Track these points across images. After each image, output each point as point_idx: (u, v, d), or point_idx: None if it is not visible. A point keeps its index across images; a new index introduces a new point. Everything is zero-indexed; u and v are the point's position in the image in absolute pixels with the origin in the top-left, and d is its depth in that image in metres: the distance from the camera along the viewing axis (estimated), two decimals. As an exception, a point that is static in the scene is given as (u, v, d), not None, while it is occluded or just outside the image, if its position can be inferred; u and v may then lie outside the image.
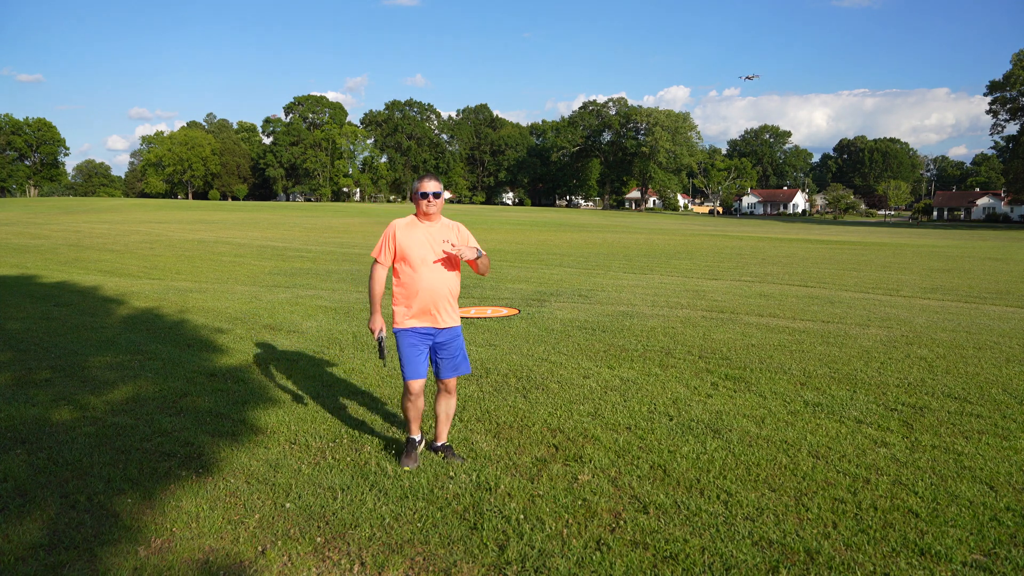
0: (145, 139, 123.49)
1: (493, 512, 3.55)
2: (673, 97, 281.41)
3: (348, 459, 4.22)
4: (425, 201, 4.09)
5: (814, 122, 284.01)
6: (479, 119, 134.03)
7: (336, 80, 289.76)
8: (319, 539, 3.28)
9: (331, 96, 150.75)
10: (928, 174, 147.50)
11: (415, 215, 4.19)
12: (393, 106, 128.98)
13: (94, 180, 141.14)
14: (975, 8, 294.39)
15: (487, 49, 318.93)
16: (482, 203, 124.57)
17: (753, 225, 62.56)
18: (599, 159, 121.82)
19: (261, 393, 5.57)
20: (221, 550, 3.17)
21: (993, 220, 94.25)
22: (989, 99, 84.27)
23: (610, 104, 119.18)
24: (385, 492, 3.76)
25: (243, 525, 3.39)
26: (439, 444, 4.34)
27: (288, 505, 3.60)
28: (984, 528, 3.42)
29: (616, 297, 11.39)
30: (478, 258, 4.09)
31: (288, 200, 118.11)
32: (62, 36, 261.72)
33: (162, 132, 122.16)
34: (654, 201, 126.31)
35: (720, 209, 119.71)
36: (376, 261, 4.19)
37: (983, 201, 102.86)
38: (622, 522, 3.46)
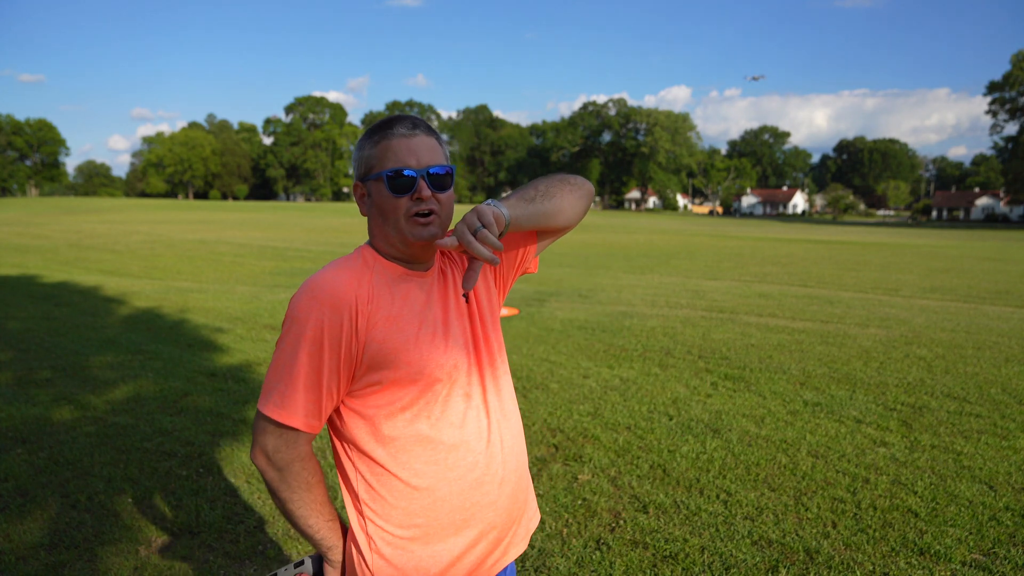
0: (146, 139, 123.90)
1: (493, 511, 3.55)
2: (674, 97, 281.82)
3: (348, 459, 4.22)
4: (410, 202, 1.38)
5: (814, 122, 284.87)
6: (479, 119, 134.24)
7: (338, 80, 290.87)
8: (319, 538, 3.29)
9: (333, 96, 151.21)
10: (927, 174, 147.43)
11: (385, 243, 1.44)
12: (393, 107, 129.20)
13: (95, 180, 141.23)
14: (975, 8, 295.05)
15: (488, 49, 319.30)
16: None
17: (752, 225, 62.54)
18: (599, 159, 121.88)
19: (261, 393, 5.57)
20: (221, 550, 3.18)
21: (992, 220, 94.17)
22: (989, 99, 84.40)
23: (610, 104, 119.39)
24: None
25: (243, 525, 3.40)
26: None
27: (288, 504, 3.61)
28: (983, 528, 3.42)
29: (616, 297, 11.40)
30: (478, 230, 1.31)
31: (288, 200, 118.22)
32: (64, 37, 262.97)
33: (163, 132, 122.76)
34: (654, 201, 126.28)
35: (719, 209, 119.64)
36: (280, 425, 1.32)
37: (982, 201, 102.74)
38: (622, 521, 3.47)
